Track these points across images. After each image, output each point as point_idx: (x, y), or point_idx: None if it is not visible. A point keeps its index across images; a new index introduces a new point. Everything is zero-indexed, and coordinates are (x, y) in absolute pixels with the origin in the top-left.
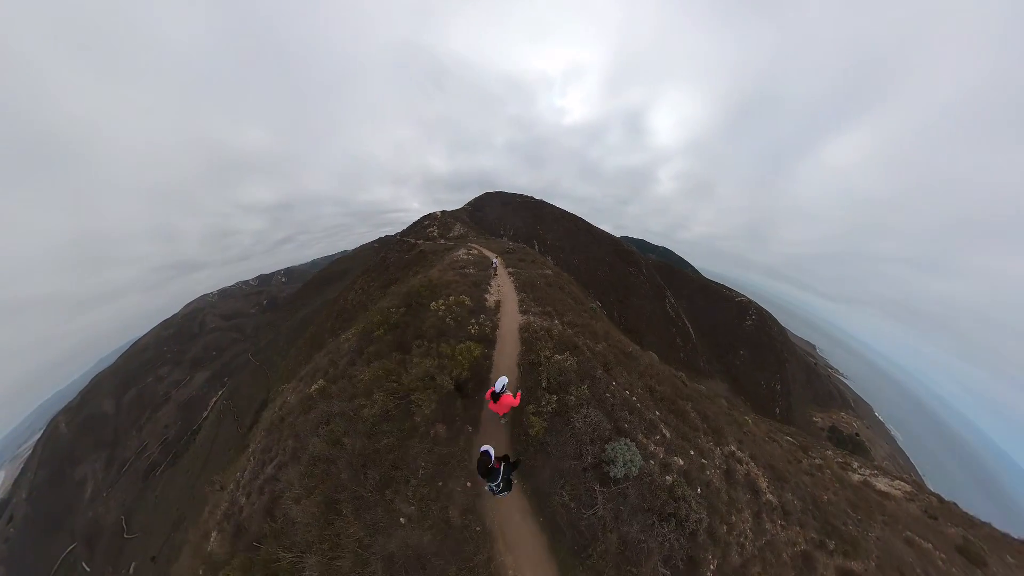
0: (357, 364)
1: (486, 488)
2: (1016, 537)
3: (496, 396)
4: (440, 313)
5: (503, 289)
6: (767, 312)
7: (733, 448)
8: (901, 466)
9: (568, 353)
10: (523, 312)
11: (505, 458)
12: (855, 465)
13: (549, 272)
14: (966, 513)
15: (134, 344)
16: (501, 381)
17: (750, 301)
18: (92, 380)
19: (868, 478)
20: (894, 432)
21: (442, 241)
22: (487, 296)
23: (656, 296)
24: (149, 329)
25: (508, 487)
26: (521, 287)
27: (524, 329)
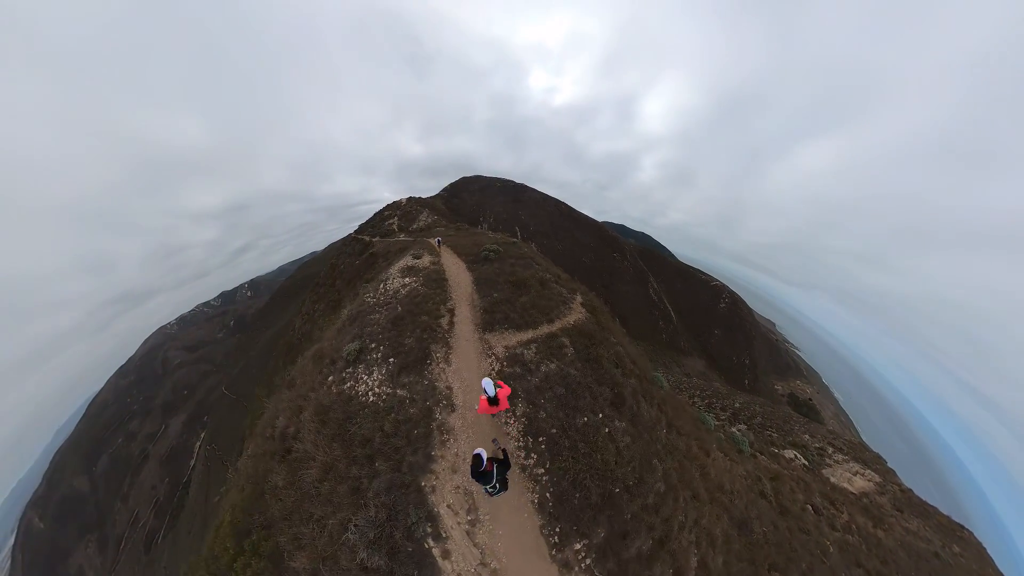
0: None
1: (483, 492)
2: (956, 521)
3: (493, 400)
4: None
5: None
6: (738, 295)
7: None
8: (844, 423)
9: None
10: None
11: (494, 459)
12: (830, 451)
13: (582, 316)
14: (921, 501)
15: (92, 403)
16: (488, 384)
17: (723, 285)
18: (53, 459)
19: (850, 475)
20: (837, 395)
21: (402, 236)
22: None
23: (639, 281)
24: (105, 381)
25: (504, 486)
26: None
27: None
